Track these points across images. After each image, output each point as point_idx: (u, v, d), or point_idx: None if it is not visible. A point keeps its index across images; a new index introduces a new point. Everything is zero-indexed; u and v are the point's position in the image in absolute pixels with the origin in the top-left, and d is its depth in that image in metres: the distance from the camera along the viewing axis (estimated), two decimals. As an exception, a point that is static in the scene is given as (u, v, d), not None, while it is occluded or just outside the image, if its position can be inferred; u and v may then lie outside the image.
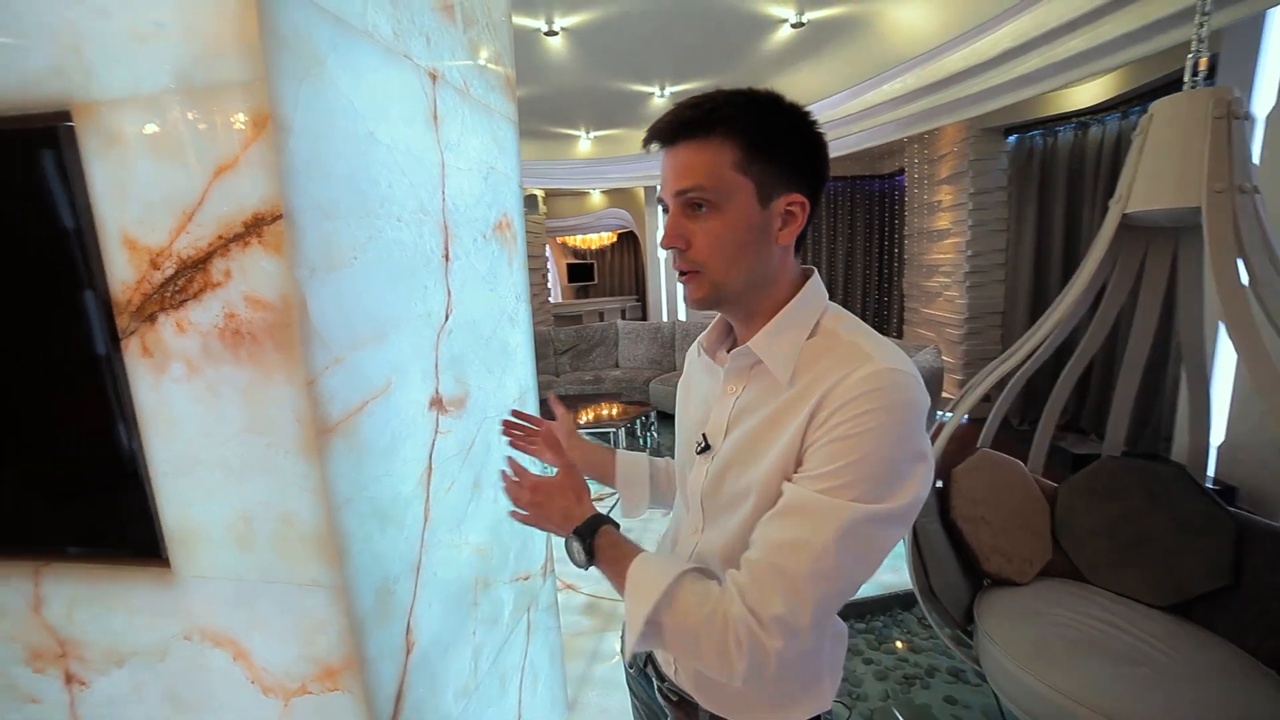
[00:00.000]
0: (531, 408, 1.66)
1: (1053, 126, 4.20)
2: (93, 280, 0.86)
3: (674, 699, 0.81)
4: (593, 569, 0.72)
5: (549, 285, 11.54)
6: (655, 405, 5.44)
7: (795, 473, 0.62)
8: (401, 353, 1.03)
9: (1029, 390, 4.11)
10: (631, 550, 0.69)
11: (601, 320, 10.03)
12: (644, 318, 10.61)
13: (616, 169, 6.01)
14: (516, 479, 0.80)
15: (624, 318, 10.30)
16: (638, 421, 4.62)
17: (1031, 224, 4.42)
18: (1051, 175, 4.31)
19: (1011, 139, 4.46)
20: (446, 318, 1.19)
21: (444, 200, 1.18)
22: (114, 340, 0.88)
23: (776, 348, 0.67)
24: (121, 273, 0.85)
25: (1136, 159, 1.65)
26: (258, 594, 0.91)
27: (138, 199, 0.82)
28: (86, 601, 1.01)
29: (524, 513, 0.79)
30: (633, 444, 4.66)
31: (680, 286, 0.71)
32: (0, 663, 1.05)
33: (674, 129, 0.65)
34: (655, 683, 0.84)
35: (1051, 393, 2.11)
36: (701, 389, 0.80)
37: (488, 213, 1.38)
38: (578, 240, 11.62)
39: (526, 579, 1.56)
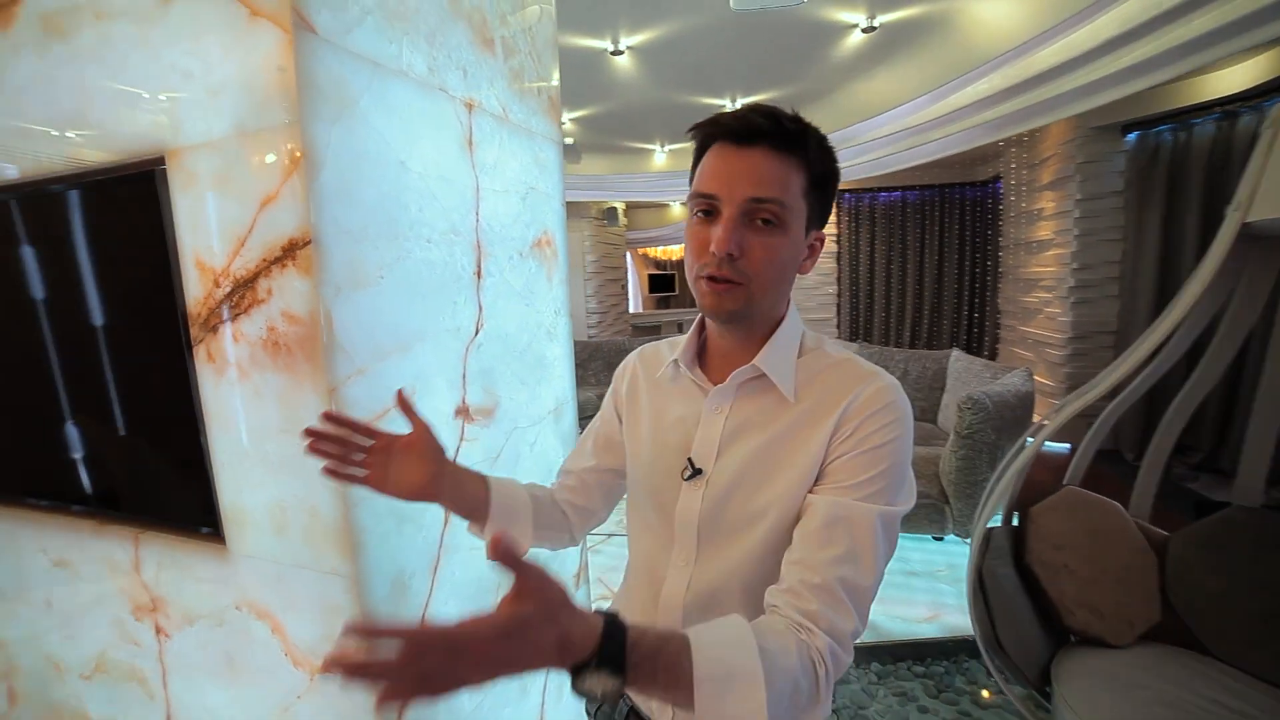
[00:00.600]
0: (569, 421, 1.70)
1: (1187, 119, 3.70)
2: (174, 296, 1.01)
3: None
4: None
5: (629, 295, 11.83)
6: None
7: (818, 485, 0.63)
8: (426, 364, 1.11)
9: (1149, 420, 3.62)
10: (669, 639, 0.50)
11: (679, 331, 10.05)
12: (721, 329, 10.46)
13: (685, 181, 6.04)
14: (418, 649, 0.41)
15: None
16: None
17: (1155, 233, 3.91)
18: (1183, 176, 3.79)
19: (1131, 137, 3.98)
20: (476, 331, 1.26)
21: (478, 220, 1.26)
22: (188, 347, 1.02)
23: (781, 366, 0.68)
24: (194, 290, 0.99)
25: (1264, 159, 1.43)
26: (291, 576, 1.02)
27: (205, 228, 0.96)
28: (170, 566, 1.17)
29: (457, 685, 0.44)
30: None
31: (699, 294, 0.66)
32: (114, 609, 1.25)
33: (756, 131, 0.62)
34: None
35: (1160, 425, 1.86)
36: (674, 410, 0.75)
37: (526, 231, 1.46)
38: (658, 251, 11.77)
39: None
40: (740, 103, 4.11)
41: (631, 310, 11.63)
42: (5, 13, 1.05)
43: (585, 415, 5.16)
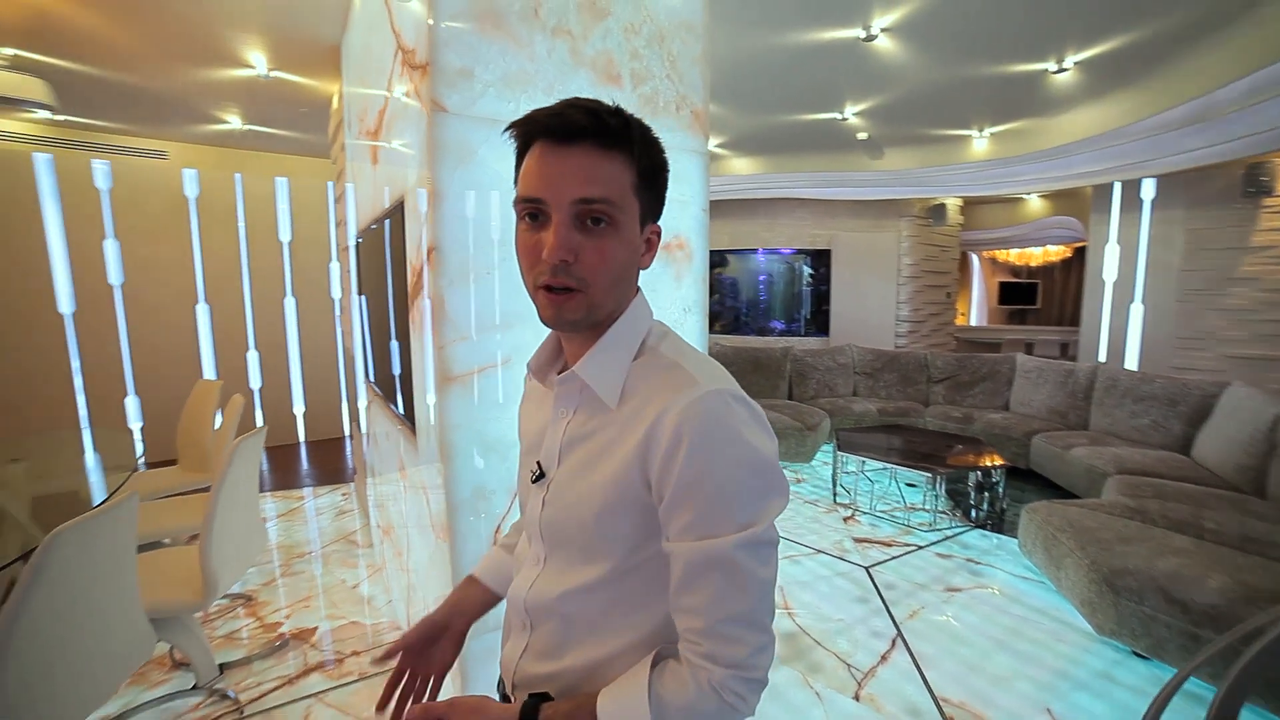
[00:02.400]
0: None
1: None
2: (405, 285, 1.63)
3: None
4: None
5: (972, 305, 10.05)
6: (1032, 465, 4.25)
7: (668, 533, 0.61)
8: (525, 340, 1.47)
9: None
10: (579, 708, 0.62)
11: (1029, 352, 8.11)
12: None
13: (1029, 169, 4.79)
14: None
15: (1065, 354, 8.01)
16: (974, 475, 3.76)
17: None
18: None
19: None
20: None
21: (592, 229, 1.54)
22: (405, 313, 1.63)
23: (602, 370, 0.65)
24: (409, 281, 1.59)
25: None
26: (433, 467, 1.53)
27: (410, 242, 1.53)
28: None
29: None
30: (963, 503, 3.82)
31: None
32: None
33: (577, 130, 0.60)
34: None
35: None
36: (536, 415, 0.76)
37: (651, 236, 1.66)
38: (1009, 254, 9.60)
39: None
40: (1071, 61, 3.11)
41: (973, 322, 9.88)
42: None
43: (864, 427, 4.84)
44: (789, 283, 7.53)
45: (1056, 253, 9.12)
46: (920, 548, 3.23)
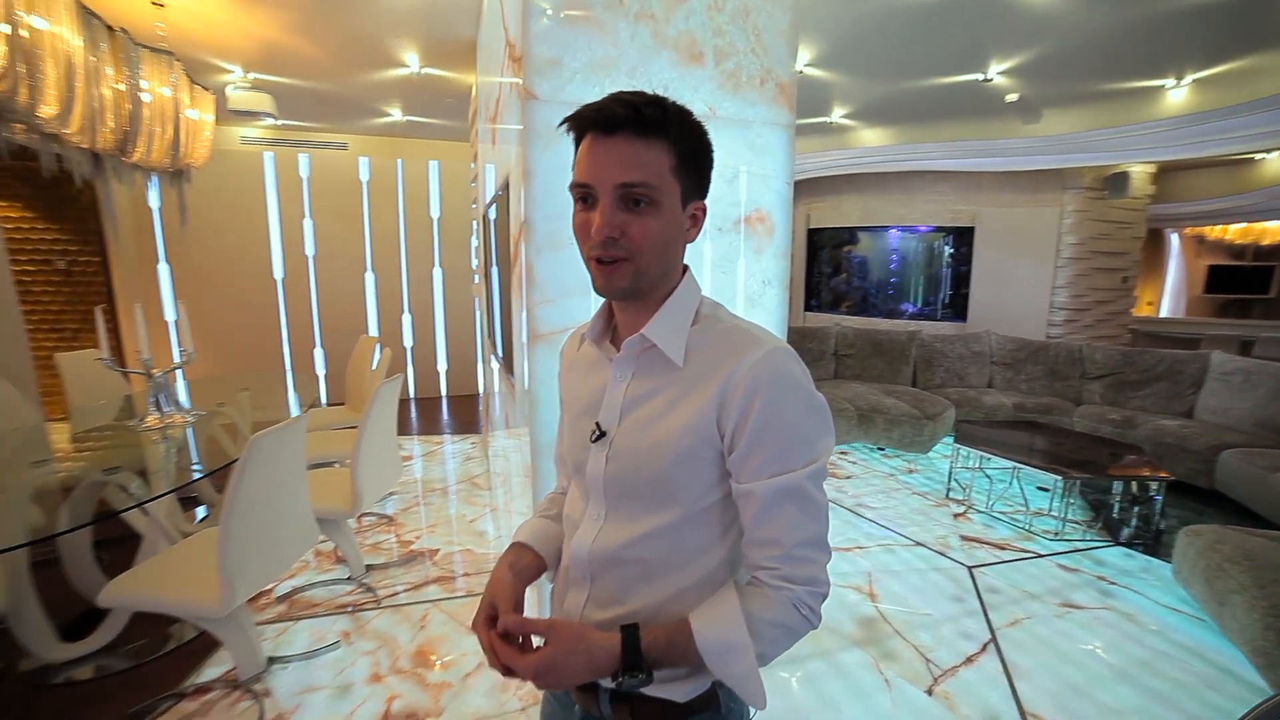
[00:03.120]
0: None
1: None
2: (508, 255, 1.85)
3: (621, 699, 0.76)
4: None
5: (1165, 292, 8.44)
6: (1217, 485, 3.56)
7: (743, 476, 0.68)
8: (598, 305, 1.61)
9: None
10: (676, 632, 0.67)
11: (1246, 353, 6.69)
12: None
13: (1255, 121, 3.84)
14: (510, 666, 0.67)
15: (1293, 353, 6.47)
16: (1133, 484, 3.27)
17: None
18: None
19: None
20: (657, 288, 1.67)
21: (670, 203, 1.63)
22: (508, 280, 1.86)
23: (668, 333, 0.73)
24: (510, 251, 1.80)
25: None
26: (523, 414, 1.75)
27: (511, 215, 1.73)
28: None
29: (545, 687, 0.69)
30: (1106, 516, 3.33)
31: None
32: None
33: (616, 121, 0.66)
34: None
35: None
36: (588, 380, 0.82)
37: (731, 209, 1.71)
38: (1225, 231, 7.81)
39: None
40: None
41: (1165, 313, 8.31)
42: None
43: (994, 421, 4.41)
44: (925, 263, 6.92)
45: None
46: (1040, 556, 2.93)
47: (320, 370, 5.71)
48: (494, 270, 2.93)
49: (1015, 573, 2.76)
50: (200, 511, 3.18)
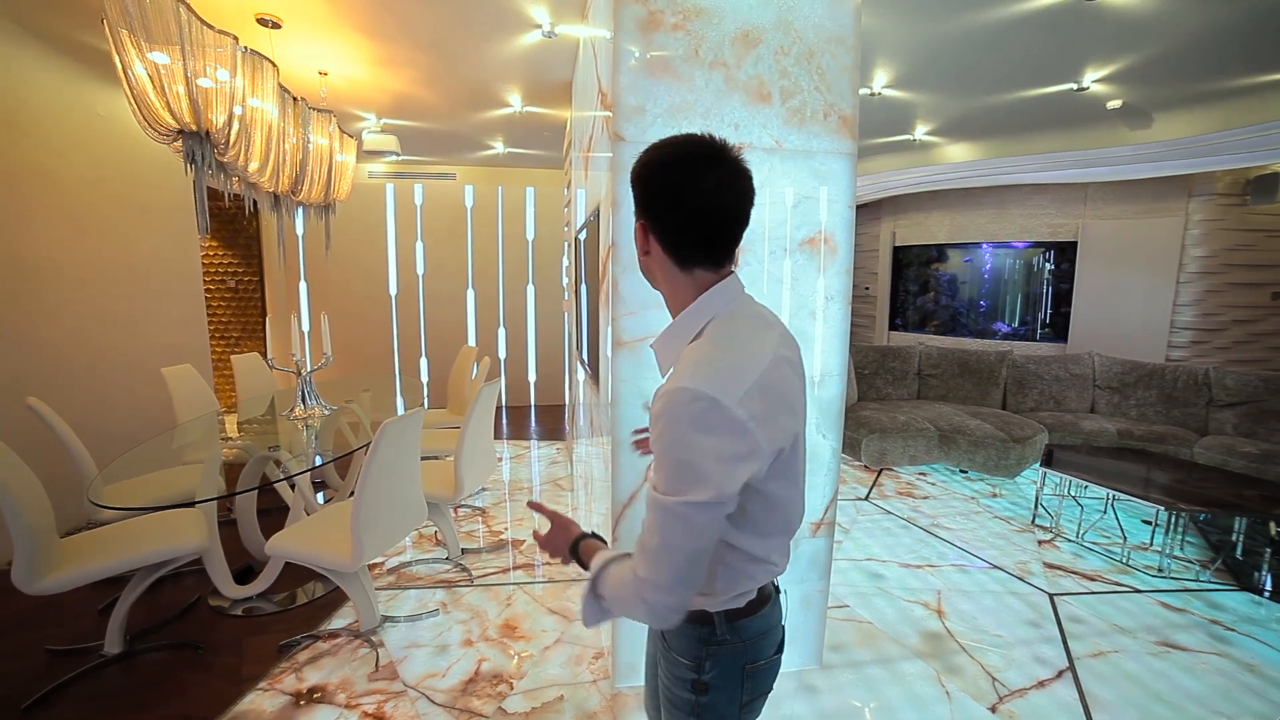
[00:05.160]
0: (832, 392, 1.97)
1: None
2: (598, 274, 2.10)
3: None
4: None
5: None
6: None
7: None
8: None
9: None
10: (594, 549, 0.91)
11: None
12: None
13: None
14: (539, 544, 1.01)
15: None
16: (1272, 525, 2.96)
17: None
18: None
19: None
20: (725, 303, 1.84)
21: (738, 227, 1.82)
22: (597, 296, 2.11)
23: (665, 348, 0.87)
24: (599, 271, 2.05)
25: None
26: (605, 413, 1.98)
27: (601, 239, 1.99)
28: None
29: (562, 563, 0.99)
30: (1228, 555, 3.01)
31: None
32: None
33: None
34: None
35: None
36: None
37: (794, 232, 1.86)
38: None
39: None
40: None
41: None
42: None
43: (1094, 447, 4.13)
44: (1021, 280, 6.55)
45: None
46: (1137, 590, 2.75)
47: (424, 377, 6.34)
48: (583, 287, 3.22)
49: (1105, 605, 2.61)
50: (320, 497, 3.69)
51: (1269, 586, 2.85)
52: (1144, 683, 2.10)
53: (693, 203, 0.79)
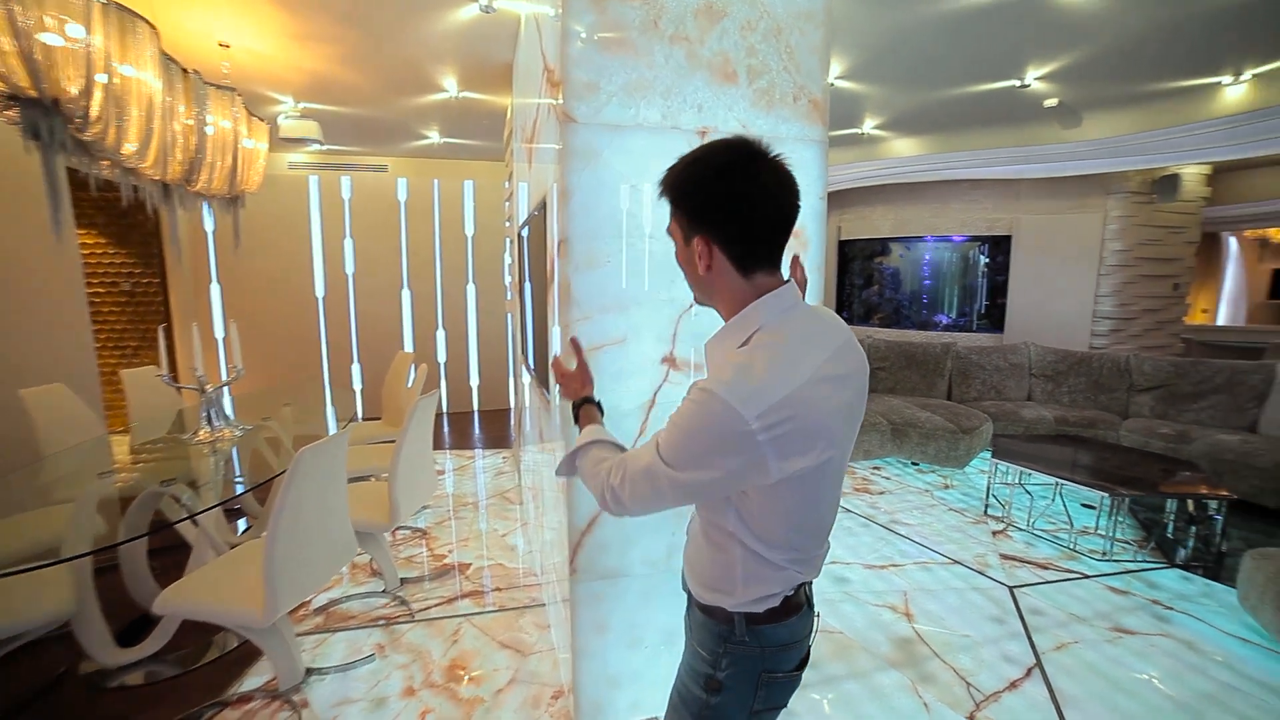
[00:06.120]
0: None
1: None
2: (546, 273, 1.89)
3: (687, 591, 1.05)
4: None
5: (1221, 299, 8.07)
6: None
7: None
8: (639, 321, 1.63)
9: None
10: (592, 419, 1.10)
11: (1304, 361, 6.33)
12: None
13: None
14: (561, 362, 1.23)
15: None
16: (1177, 503, 3.11)
17: None
18: None
19: None
20: (691, 305, 1.67)
21: (703, 220, 1.65)
22: (546, 297, 1.89)
23: (714, 349, 0.91)
24: (547, 269, 1.84)
25: None
26: (557, 428, 1.77)
27: (550, 237, 1.77)
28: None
29: (557, 383, 1.21)
30: (1158, 535, 3.16)
31: None
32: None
33: (660, 190, 0.90)
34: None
35: None
36: None
37: (763, 225, 1.71)
38: (1285, 234, 7.45)
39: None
40: None
41: (1222, 321, 7.95)
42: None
43: (1035, 435, 4.26)
44: (959, 273, 6.78)
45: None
46: (1086, 576, 2.81)
47: (357, 385, 5.88)
48: (528, 286, 2.99)
49: (1060, 594, 2.64)
50: (242, 524, 3.29)
51: (1195, 562, 2.98)
52: (1104, 672, 2.12)
53: (760, 205, 0.80)
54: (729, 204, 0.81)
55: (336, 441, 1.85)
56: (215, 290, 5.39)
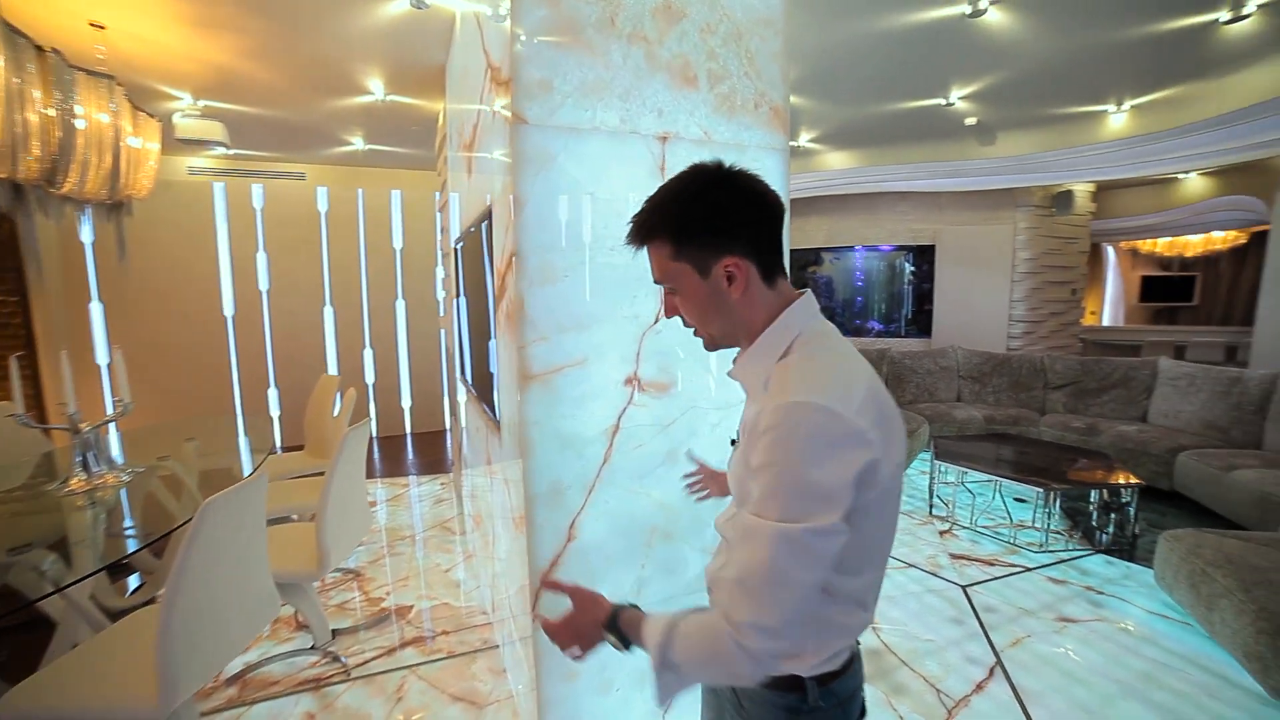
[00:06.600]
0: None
1: None
2: (490, 289, 1.73)
3: None
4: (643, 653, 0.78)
5: (1105, 303, 8.92)
6: (1176, 487, 3.71)
7: (750, 495, 0.72)
8: (601, 340, 1.50)
9: None
10: (636, 619, 0.78)
11: (1180, 356, 7.09)
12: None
13: (1184, 144, 4.11)
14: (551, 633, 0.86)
15: (1231, 359, 6.90)
16: (1098, 493, 3.34)
17: None
18: None
19: None
20: (655, 320, 1.57)
21: (666, 231, 1.55)
22: (493, 316, 1.73)
23: (750, 370, 0.81)
24: (492, 284, 1.68)
25: None
26: (512, 461, 1.61)
27: (496, 246, 1.62)
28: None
29: (579, 654, 0.84)
30: (1083, 524, 3.38)
31: None
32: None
33: (631, 240, 0.81)
34: None
35: None
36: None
37: (727, 236, 1.64)
38: (1156, 245, 8.36)
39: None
40: (1255, 4, 2.57)
41: (1106, 322, 8.77)
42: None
43: (968, 435, 4.47)
44: (888, 281, 7.11)
45: (1223, 239, 7.81)
46: (1028, 569, 2.93)
47: (275, 412, 5.36)
48: (461, 300, 2.79)
49: (1008, 589, 2.74)
50: (134, 580, 2.85)
51: (1114, 546, 3.19)
52: (1057, 663, 2.19)
53: (771, 205, 0.77)
54: (747, 210, 0.76)
55: (252, 487, 1.59)
56: (97, 311, 4.74)
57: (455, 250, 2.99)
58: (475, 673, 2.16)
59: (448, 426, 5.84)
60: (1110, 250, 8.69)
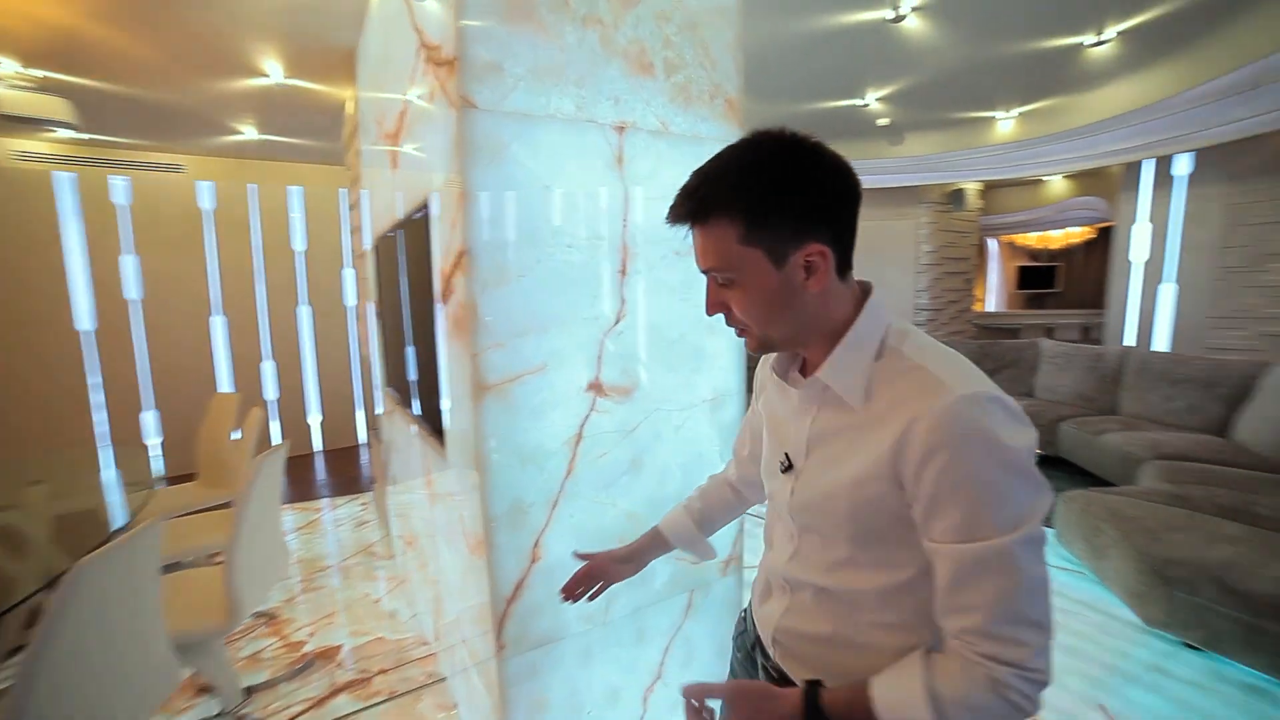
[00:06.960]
0: (731, 412, 1.74)
1: None
2: (433, 291, 1.56)
3: (775, 676, 0.82)
4: None
5: (989, 291, 9.87)
6: (1061, 453, 4.15)
7: (929, 534, 0.63)
8: (561, 344, 1.39)
9: None
10: (856, 697, 0.66)
11: (1050, 337, 7.97)
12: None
13: (1056, 149, 4.64)
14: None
15: (1086, 337, 7.84)
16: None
17: None
18: None
19: None
20: (617, 321, 1.48)
21: (625, 226, 1.46)
22: (429, 321, 1.57)
23: (844, 374, 0.69)
24: (436, 286, 1.52)
25: None
26: (466, 480, 1.46)
27: (437, 245, 1.46)
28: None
29: None
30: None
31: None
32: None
33: (681, 217, 0.70)
34: (759, 661, 0.87)
35: None
36: (781, 407, 0.81)
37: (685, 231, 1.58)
38: (1030, 239, 9.42)
39: (695, 563, 1.70)
40: (1112, 32, 2.98)
41: (990, 309, 9.71)
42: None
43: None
44: (804, 277, 7.44)
45: (1078, 234, 8.93)
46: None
47: (154, 439, 4.69)
48: (369, 306, 2.55)
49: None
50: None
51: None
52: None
53: (855, 185, 0.68)
54: (835, 188, 0.66)
55: (139, 542, 1.32)
56: (-87, 329, 3.91)
57: (373, 250, 2.73)
58: (422, 712, 1.97)
59: (364, 441, 5.39)
60: (993, 243, 9.63)
